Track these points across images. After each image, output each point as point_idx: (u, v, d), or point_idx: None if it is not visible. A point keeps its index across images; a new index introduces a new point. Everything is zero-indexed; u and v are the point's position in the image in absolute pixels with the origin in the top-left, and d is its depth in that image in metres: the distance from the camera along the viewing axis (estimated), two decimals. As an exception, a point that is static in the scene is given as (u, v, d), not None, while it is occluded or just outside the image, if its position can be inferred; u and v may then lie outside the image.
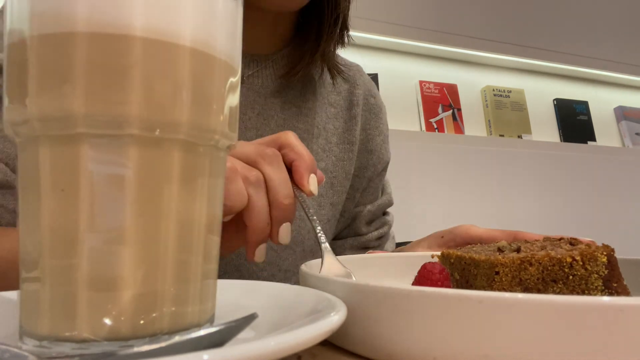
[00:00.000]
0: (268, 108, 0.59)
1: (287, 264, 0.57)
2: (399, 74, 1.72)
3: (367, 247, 0.68)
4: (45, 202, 0.18)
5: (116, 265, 0.18)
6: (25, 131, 0.18)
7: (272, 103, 0.60)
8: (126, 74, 0.17)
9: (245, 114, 0.58)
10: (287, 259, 0.57)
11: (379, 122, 0.70)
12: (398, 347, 0.22)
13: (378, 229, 0.69)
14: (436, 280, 0.33)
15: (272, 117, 0.59)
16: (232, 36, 0.21)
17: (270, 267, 0.57)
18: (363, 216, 0.67)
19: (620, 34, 2.12)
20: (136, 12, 0.18)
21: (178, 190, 0.19)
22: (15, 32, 0.19)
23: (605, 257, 0.28)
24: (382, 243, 0.70)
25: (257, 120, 0.58)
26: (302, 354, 0.24)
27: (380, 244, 0.69)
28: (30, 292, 0.18)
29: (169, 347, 0.17)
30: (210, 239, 0.21)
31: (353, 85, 0.68)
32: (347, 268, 0.35)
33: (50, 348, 0.18)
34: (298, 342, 0.16)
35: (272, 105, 0.60)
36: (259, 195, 0.32)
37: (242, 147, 0.35)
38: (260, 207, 0.32)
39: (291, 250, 0.57)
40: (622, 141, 2.06)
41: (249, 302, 0.25)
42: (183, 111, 0.19)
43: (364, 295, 0.23)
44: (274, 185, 0.33)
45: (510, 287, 0.28)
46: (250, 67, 0.59)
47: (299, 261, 0.58)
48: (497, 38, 1.81)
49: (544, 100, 1.96)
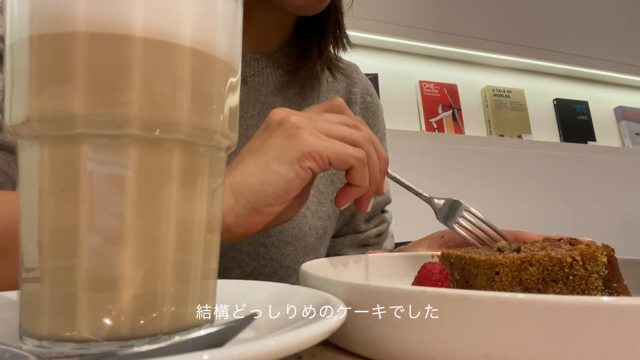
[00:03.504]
0: (269, 106, 0.60)
1: (288, 260, 0.58)
2: (399, 74, 1.72)
3: (366, 245, 0.69)
4: (45, 202, 0.18)
5: (116, 265, 0.18)
6: (25, 131, 0.18)
7: (273, 101, 0.60)
8: (126, 74, 0.17)
9: (246, 111, 0.58)
10: (288, 255, 0.58)
11: (376, 120, 0.71)
12: (398, 347, 0.22)
13: (377, 226, 0.69)
14: (436, 280, 0.33)
15: None
16: (232, 36, 0.21)
17: (272, 263, 0.57)
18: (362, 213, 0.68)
19: (620, 34, 2.12)
20: (136, 12, 0.18)
21: (178, 190, 0.19)
22: (15, 32, 0.19)
23: (605, 257, 0.28)
24: (381, 240, 0.70)
25: (258, 118, 0.59)
26: (302, 354, 0.24)
27: (379, 242, 0.70)
28: (30, 292, 0.18)
29: (169, 347, 0.17)
30: (210, 239, 0.21)
31: (351, 84, 0.69)
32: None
33: (50, 348, 0.18)
34: (298, 342, 0.16)
35: (273, 104, 0.60)
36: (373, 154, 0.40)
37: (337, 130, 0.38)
38: (374, 163, 0.40)
39: (292, 246, 0.58)
40: (622, 141, 2.06)
41: (249, 302, 0.25)
42: (183, 111, 0.19)
43: (364, 295, 0.23)
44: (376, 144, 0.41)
45: (510, 287, 0.28)
46: (252, 65, 0.60)
47: (300, 257, 0.58)
48: (497, 38, 1.81)
49: (544, 100, 1.96)
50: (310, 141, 0.36)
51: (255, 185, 0.36)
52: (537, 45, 1.88)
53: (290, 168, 0.36)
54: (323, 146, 0.36)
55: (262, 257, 0.56)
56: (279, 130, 0.37)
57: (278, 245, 0.57)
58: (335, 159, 0.37)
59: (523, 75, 1.95)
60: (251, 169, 0.37)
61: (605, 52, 2.02)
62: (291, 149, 0.36)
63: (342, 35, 0.63)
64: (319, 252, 0.62)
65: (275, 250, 0.57)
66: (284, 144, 0.36)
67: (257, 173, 0.36)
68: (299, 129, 0.36)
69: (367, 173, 0.39)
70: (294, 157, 0.36)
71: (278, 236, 0.57)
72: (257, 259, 0.56)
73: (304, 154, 0.36)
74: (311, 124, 0.37)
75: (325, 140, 0.37)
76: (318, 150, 0.36)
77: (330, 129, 0.37)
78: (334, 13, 0.60)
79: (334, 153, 0.36)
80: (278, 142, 0.37)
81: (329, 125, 0.38)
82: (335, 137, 0.37)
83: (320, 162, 0.36)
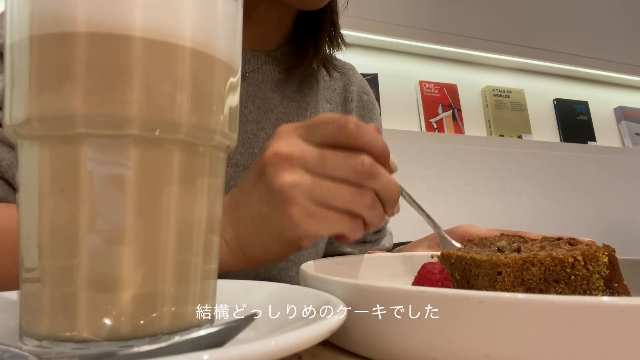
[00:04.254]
0: (268, 102, 0.61)
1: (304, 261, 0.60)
2: (399, 74, 1.72)
3: (364, 242, 0.70)
4: (45, 202, 0.18)
5: (116, 265, 0.18)
6: (25, 131, 0.18)
7: (272, 97, 0.62)
8: (126, 74, 0.17)
9: (246, 107, 0.60)
10: (302, 256, 0.60)
11: (373, 119, 0.73)
12: (398, 347, 0.22)
13: None
14: (436, 281, 0.33)
15: (272, 110, 0.61)
16: (232, 36, 0.21)
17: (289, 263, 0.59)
18: None
19: (620, 34, 2.12)
20: (136, 13, 0.18)
21: (178, 190, 0.19)
22: (15, 32, 0.19)
23: (606, 257, 0.28)
24: (380, 238, 0.71)
25: (257, 114, 0.60)
26: (302, 354, 0.24)
27: (378, 239, 0.71)
28: (30, 292, 0.18)
29: (169, 347, 0.17)
30: (210, 239, 0.21)
31: (347, 83, 0.71)
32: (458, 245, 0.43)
33: (50, 348, 0.18)
34: (298, 342, 0.16)
35: (272, 100, 0.61)
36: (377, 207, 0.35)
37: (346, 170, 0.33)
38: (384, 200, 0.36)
39: (305, 251, 0.60)
40: (622, 141, 2.06)
41: (249, 302, 0.25)
42: (183, 111, 0.19)
43: (364, 295, 0.23)
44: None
45: (512, 287, 0.28)
46: (251, 62, 0.61)
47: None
48: (497, 38, 1.81)
49: (544, 100, 1.96)
50: (304, 227, 0.33)
51: (255, 255, 0.37)
52: (537, 45, 1.88)
53: (290, 247, 0.35)
54: (318, 230, 0.33)
55: None
56: (274, 200, 0.33)
57: None
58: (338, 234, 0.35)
59: (523, 75, 1.95)
60: (250, 240, 0.36)
61: (605, 52, 2.02)
62: (288, 232, 0.33)
63: (337, 34, 0.64)
64: (318, 246, 0.63)
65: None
66: (280, 222, 0.33)
67: (257, 248, 0.36)
68: (291, 208, 0.32)
69: (379, 215, 0.35)
70: (291, 238, 0.34)
71: None
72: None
73: (300, 236, 0.34)
74: (307, 193, 0.32)
75: (321, 221, 0.33)
76: (315, 235, 0.34)
77: (328, 199, 0.33)
78: (330, 13, 0.62)
79: (333, 230, 0.34)
80: (274, 218, 0.34)
81: (328, 194, 0.33)
82: (334, 208, 0.33)
83: (321, 236, 0.36)
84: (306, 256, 0.61)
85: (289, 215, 0.32)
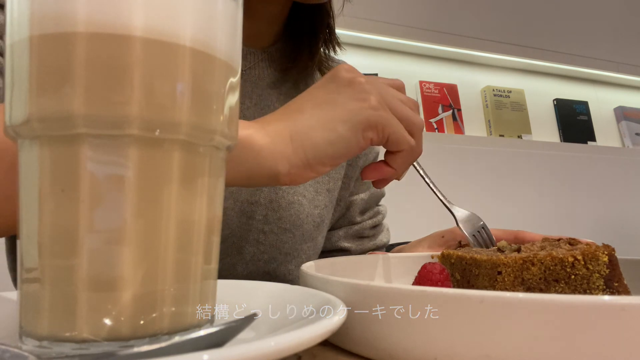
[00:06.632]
0: (265, 99, 0.61)
1: (287, 247, 0.60)
2: (399, 74, 1.72)
3: (361, 236, 0.70)
4: (45, 202, 0.18)
5: (116, 265, 0.18)
6: (25, 131, 0.18)
7: (269, 94, 0.62)
8: (126, 74, 0.17)
9: (243, 103, 0.60)
10: (287, 242, 0.60)
11: None
12: (398, 347, 0.22)
13: (372, 217, 0.71)
14: (436, 281, 0.33)
15: (269, 107, 0.61)
16: (232, 36, 0.21)
17: (271, 249, 0.59)
18: (357, 205, 0.70)
19: (620, 34, 2.12)
20: (136, 12, 0.18)
21: (178, 190, 0.19)
22: (15, 32, 0.18)
23: (606, 257, 0.28)
24: (377, 233, 0.72)
25: (255, 110, 0.60)
26: (302, 354, 0.24)
27: (375, 234, 0.71)
28: (30, 292, 0.18)
29: (169, 347, 0.17)
30: (210, 239, 0.21)
31: None
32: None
33: (50, 348, 0.18)
34: (298, 342, 0.16)
35: (269, 96, 0.62)
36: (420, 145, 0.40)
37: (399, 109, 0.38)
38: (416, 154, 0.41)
39: (291, 233, 0.60)
40: (622, 141, 2.06)
41: (249, 302, 0.25)
42: (183, 111, 0.19)
43: (364, 295, 0.23)
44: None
45: (512, 287, 0.28)
46: (248, 59, 0.62)
47: (298, 244, 0.60)
48: (497, 38, 1.81)
49: (544, 101, 1.96)
50: (380, 112, 0.35)
51: (318, 142, 0.35)
52: (537, 45, 1.88)
53: (356, 133, 0.35)
54: (389, 122, 0.36)
55: (261, 243, 0.58)
56: (348, 91, 0.36)
57: (277, 232, 0.59)
58: (393, 139, 0.37)
59: (523, 75, 1.95)
60: (317, 124, 0.35)
61: (605, 52, 2.02)
62: (360, 115, 0.35)
63: (333, 37, 0.65)
64: (317, 240, 0.63)
65: (274, 237, 0.58)
66: (352, 106, 0.35)
67: (323, 130, 0.35)
68: (369, 95, 0.36)
69: (408, 161, 0.40)
70: (360, 123, 0.35)
71: (277, 223, 0.58)
72: (257, 245, 0.58)
73: (370, 123, 0.35)
74: (380, 93, 0.36)
75: (391, 117, 0.36)
76: (383, 124, 0.36)
77: (395, 106, 0.37)
78: (325, 16, 0.63)
79: (395, 133, 0.36)
80: (347, 102, 0.36)
81: (395, 102, 0.37)
82: (398, 115, 0.37)
83: (380, 137, 0.36)
84: (305, 250, 0.61)
85: (368, 100, 0.35)
